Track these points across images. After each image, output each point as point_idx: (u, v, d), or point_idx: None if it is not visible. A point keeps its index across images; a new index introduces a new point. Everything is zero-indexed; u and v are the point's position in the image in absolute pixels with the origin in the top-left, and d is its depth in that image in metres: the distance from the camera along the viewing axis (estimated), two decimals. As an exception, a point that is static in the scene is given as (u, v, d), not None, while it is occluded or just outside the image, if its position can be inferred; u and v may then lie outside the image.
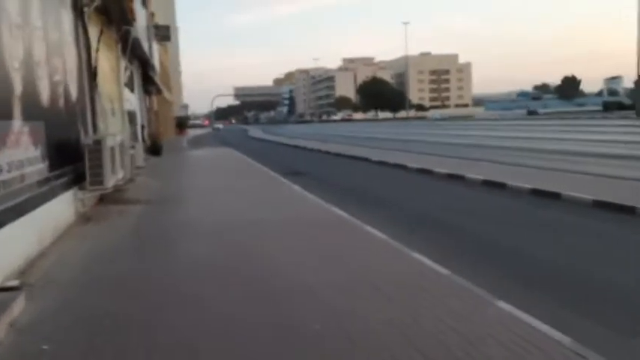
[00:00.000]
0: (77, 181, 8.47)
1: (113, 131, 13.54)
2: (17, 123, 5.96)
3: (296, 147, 32.24)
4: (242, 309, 4.35)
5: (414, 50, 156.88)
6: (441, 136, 36.01)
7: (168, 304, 4.54)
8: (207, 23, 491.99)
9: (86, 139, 8.30)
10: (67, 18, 8.99)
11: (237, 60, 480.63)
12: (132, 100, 20.46)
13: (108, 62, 14.18)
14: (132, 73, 21.91)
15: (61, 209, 7.65)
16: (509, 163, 16.30)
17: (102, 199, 10.29)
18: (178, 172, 17.20)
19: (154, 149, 25.42)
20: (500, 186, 12.06)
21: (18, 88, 6.09)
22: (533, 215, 9.27)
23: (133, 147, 14.96)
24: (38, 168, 6.68)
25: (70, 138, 8.43)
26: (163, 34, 34.34)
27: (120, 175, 9.76)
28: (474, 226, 8.50)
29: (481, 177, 13.09)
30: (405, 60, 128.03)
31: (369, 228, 7.58)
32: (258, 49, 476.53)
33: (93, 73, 10.45)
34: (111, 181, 8.58)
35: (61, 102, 8.07)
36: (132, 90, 21.34)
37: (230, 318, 4.16)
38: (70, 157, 8.28)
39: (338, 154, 23.82)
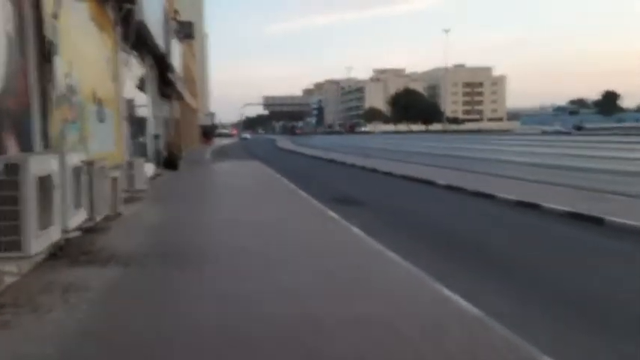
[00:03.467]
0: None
1: (100, 143, 9.69)
2: None
3: (333, 162, 28.08)
4: None
5: (448, 62, 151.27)
6: (502, 153, 31.29)
7: None
8: (237, 32, 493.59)
9: (-7, 164, 4.33)
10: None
11: (267, 70, 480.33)
12: (140, 104, 16.67)
13: (97, 49, 10.36)
14: (146, 73, 18.20)
15: None
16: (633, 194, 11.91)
17: (54, 254, 6.34)
18: (191, 198, 13.15)
19: (170, 162, 21.63)
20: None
21: None
22: None
23: (130, 165, 11.12)
24: None
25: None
26: (186, 31, 30.65)
27: (77, 220, 5.78)
28: None
29: (630, 221, 8.77)
30: (444, 71, 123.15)
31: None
32: (287, 59, 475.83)
33: (46, 51, 6.53)
34: (41, 241, 4.59)
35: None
36: (143, 92, 17.59)
37: None
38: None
39: (388, 174, 19.58)
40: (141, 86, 17.16)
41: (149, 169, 15.55)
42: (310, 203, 11.44)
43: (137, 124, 15.89)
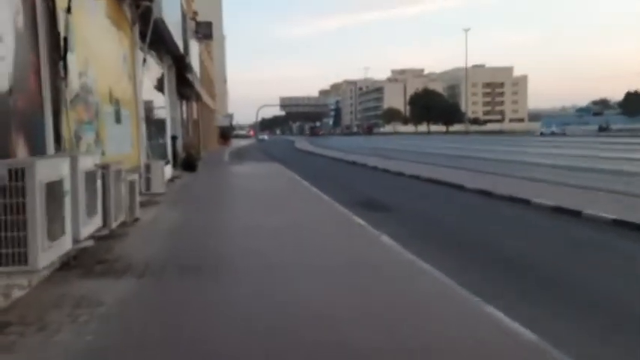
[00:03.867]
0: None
1: (116, 145, 9.30)
2: None
3: (354, 164, 27.55)
4: None
5: (467, 62, 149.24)
6: (531, 155, 30.27)
7: None
8: (254, 33, 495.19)
9: (-2, 168, 3.90)
10: None
11: (283, 71, 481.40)
12: (158, 105, 16.34)
13: (114, 47, 9.98)
14: (164, 73, 17.89)
15: None
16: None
17: (67, 263, 5.93)
18: (210, 202, 12.71)
19: (189, 164, 21.30)
20: None
21: None
22: None
23: (147, 168, 10.74)
24: None
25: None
26: (205, 31, 30.35)
27: (90, 228, 5.35)
28: None
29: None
30: (464, 71, 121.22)
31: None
32: (304, 60, 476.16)
33: (62, 47, 6.12)
34: (50, 253, 4.16)
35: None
36: (161, 92, 17.27)
37: None
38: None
39: (414, 177, 18.99)
40: (159, 86, 16.84)
41: (167, 171, 15.20)
42: (334, 208, 10.93)
43: (155, 125, 15.55)
